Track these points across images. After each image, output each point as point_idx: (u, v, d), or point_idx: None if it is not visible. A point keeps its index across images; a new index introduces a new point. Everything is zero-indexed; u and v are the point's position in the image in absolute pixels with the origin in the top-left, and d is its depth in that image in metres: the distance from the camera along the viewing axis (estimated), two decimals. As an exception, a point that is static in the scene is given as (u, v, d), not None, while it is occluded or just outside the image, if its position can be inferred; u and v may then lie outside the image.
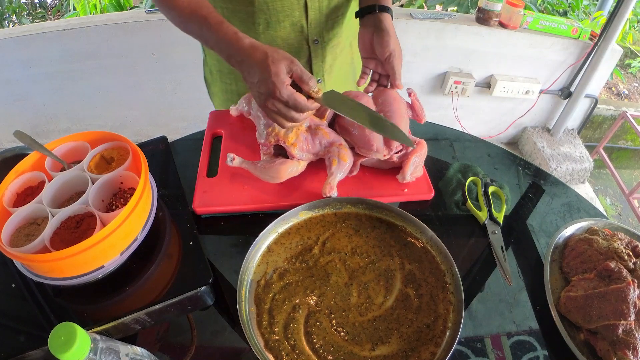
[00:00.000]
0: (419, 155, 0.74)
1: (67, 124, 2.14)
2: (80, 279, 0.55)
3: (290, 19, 0.81)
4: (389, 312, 0.57)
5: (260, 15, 0.79)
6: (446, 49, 2.05)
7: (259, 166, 0.72)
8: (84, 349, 0.38)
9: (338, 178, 0.71)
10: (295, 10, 0.80)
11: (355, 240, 0.66)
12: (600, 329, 0.56)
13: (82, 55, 1.88)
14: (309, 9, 0.80)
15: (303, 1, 0.79)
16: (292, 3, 0.78)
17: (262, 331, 0.55)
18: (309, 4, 0.79)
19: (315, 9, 0.81)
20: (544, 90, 2.20)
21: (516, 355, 0.57)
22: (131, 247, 0.58)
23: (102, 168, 0.65)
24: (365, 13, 0.78)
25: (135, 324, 0.56)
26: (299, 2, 0.79)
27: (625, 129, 2.49)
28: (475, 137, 0.95)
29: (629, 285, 0.57)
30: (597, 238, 0.65)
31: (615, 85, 3.21)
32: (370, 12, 0.77)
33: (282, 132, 0.72)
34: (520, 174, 0.85)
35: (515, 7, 1.94)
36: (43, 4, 3.10)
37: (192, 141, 0.87)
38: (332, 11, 0.85)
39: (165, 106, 2.09)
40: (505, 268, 0.65)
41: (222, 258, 0.67)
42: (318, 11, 0.82)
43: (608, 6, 2.30)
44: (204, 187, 0.73)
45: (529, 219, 0.76)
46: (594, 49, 2.01)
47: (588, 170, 2.28)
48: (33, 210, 0.58)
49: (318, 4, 0.81)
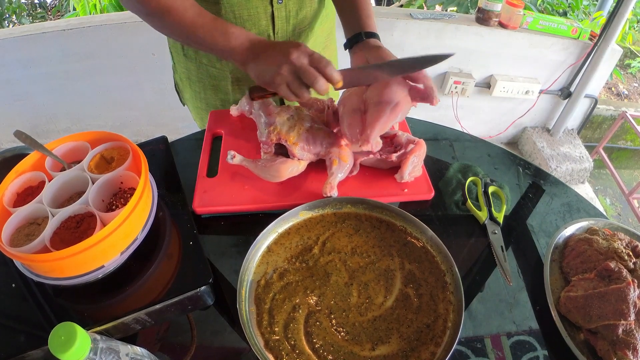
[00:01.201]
0: (418, 155, 0.74)
1: (67, 124, 2.14)
2: (80, 279, 0.55)
3: (257, 28, 0.81)
4: (389, 312, 0.58)
5: None
6: (446, 49, 2.05)
7: (260, 165, 0.72)
8: (84, 349, 0.38)
9: (338, 178, 0.71)
10: (262, 20, 0.80)
11: (355, 240, 0.66)
12: (600, 329, 0.56)
13: (82, 55, 1.88)
14: (275, 19, 0.81)
15: (270, 11, 0.79)
16: (258, 12, 0.78)
17: (262, 331, 0.55)
18: (275, 13, 0.80)
19: (282, 19, 0.81)
20: (544, 91, 2.20)
21: (516, 355, 0.58)
22: (131, 247, 0.58)
23: (102, 168, 0.65)
24: (353, 43, 0.77)
25: (136, 324, 0.56)
26: (266, 12, 0.79)
27: (625, 129, 2.50)
28: (475, 137, 0.95)
29: (629, 285, 0.57)
30: (597, 238, 0.65)
31: (615, 85, 3.21)
32: (358, 41, 0.76)
33: (283, 130, 0.73)
34: (520, 174, 0.85)
35: (515, 7, 1.94)
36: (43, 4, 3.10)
37: (192, 141, 0.87)
38: (299, 22, 0.85)
39: (165, 106, 2.09)
40: (505, 268, 0.65)
41: (222, 258, 0.67)
42: (285, 21, 0.82)
43: (608, 6, 2.30)
44: (204, 187, 0.73)
45: (529, 219, 0.76)
46: (594, 49, 2.01)
47: (588, 170, 2.28)
48: (33, 210, 0.58)
49: (285, 13, 0.81)
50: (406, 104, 0.69)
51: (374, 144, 0.68)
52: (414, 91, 0.70)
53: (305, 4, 0.83)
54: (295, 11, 0.82)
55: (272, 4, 0.78)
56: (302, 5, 0.83)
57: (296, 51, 0.61)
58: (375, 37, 0.76)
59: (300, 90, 0.63)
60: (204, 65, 0.90)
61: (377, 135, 0.68)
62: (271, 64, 0.63)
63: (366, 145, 0.68)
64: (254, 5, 0.77)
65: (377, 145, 0.69)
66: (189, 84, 0.96)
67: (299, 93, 0.64)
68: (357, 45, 0.76)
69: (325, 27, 0.93)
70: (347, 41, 0.79)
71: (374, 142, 0.68)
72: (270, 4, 0.78)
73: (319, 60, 0.62)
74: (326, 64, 0.62)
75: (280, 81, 0.63)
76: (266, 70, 0.64)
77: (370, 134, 0.67)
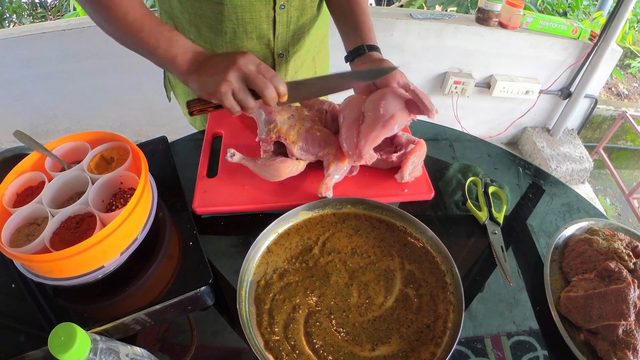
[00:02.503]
0: (418, 155, 0.74)
1: (67, 124, 2.14)
2: (80, 279, 0.55)
3: (258, 31, 0.81)
4: (389, 313, 0.57)
5: (228, 25, 0.79)
6: (446, 49, 2.05)
7: (259, 163, 0.72)
8: (84, 349, 0.38)
9: (335, 179, 0.71)
10: (264, 24, 0.80)
11: (355, 240, 0.66)
12: (601, 329, 0.56)
13: (82, 55, 1.88)
14: (277, 24, 0.81)
15: (272, 15, 0.79)
16: (261, 16, 0.78)
17: (262, 331, 0.55)
18: (277, 18, 0.80)
19: (284, 24, 0.82)
20: (544, 91, 2.20)
21: (516, 355, 0.58)
22: (131, 247, 0.58)
23: (102, 168, 0.65)
24: (354, 56, 0.77)
25: (135, 324, 0.56)
26: (268, 16, 0.79)
27: (625, 129, 2.50)
28: (475, 137, 0.95)
29: (629, 285, 0.57)
30: (597, 238, 0.65)
31: (615, 85, 3.21)
32: (360, 54, 0.76)
33: (283, 128, 0.73)
34: (520, 174, 0.85)
35: (515, 8, 1.94)
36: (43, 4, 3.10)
37: (192, 141, 0.87)
38: (299, 27, 0.85)
39: (165, 106, 2.07)
40: (505, 268, 0.65)
41: (222, 258, 0.67)
42: (286, 26, 0.82)
43: (608, 6, 2.30)
44: (204, 187, 0.73)
45: (529, 219, 0.76)
46: (594, 49, 2.01)
47: (588, 170, 2.28)
48: (33, 210, 0.58)
49: (287, 19, 0.81)
50: (402, 117, 0.69)
51: (367, 158, 0.69)
52: (411, 104, 0.70)
53: (307, 11, 0.84)
54: (297, 17, 0.83)
55: (275, 8, 0.79)
56: (303, 12, 0.83)
57: (243, 58, 0.59)
58: (377, 50, 0.77)
59: (247, 99, 0.60)
60: None
61: (370, 149, 0.68)
62: (216, 73, 0.59)
63: (359, 161, 0.69)
64: (257, 9, 0.77)
65: (370, 159, 0.71)
66: None
67: (245, 102, 0.60)
68: (359, 58, 0.76)
69: (320, 33, 0.94)
70: (348, 54, 0.79)
71: (367, 157, 0.69)
72: (272, 8, 0.78)
73: (266, 70, 0.61)
74: (273, 75, 0.61)
75: (225, 89, 0.59)
76: (210, 80, 0.60)
77: (363, 149, 0.68)
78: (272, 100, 0.61)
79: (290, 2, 0.79)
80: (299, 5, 0.81)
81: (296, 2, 0.80)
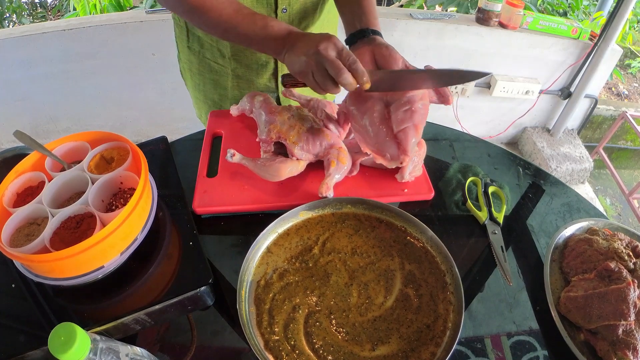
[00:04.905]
0: (418, 155, 0.74)
1: (67, 124, 2.14)
2: (80, 279, 0.55)
3: None
4: (389, 312, 0.57)
5: None
6: (446, 49, 2.05)
7: (259, 163, 0.72)
8: (84, 349, 0.38)
9: (335, 179, 0.71)
10: None
11: (355, 240, 0.66)
12: (601, 329, 0.56)
13: (82, 55, 1.88)
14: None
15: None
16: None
17: (262, 331, 0.55)
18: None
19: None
20: (544, 91, 2.20)
21: (516, 355, 0.57)
22: (131, 247, 0.58)
23: (102, 168, 0.65)
24: (357, 38, 0.74)
25: (135, 324, 0.56)
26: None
27: (625, 129, 2.50)
28: (475, 137, 0.95)
29: (629, 285, 0.57)
30: (597, 238, 0.65)
31: (615, 85, 3.21)
32: (363, 37, 0.73)
33: (284, 129, 0.73)
34: (520, 174, 0.85)
35: (515, 8, 1.94)
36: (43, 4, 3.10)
37: (192, 141, 0.87)
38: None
39: (165, 106, 2.09)
40: (505, 268, 0.65)
41: (222, 258, 0.67)
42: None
43: (608, 6, 2.30)
44: (204, 187, 0.73)
45: (529, 219, 0.76)
46: (594, 49, 2.01)
47: (588, 170, 2.28)
48: (33, 210, 0.58)
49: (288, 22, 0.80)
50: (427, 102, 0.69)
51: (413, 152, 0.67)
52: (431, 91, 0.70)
53: (308, 14, 0.84)
54: (298, 20, 0.83)
55: (277, 12, 0.79)
56: (304, 15, 0.83)
57: (325, 42, 0.61)
58: (381, 37, 0.75)
59: (325, 81, 0.62)
60: (206, 59, 0.91)
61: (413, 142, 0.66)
62: (300, 54, 0.63)
63: (405, 160, 0.67)
64: (259, 12, 0.77)
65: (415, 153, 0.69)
66: (190, 75, 0.99)
67: (323, 85, 0.63)
68: (362, 40, 0.73)
69: None
70: (350, 36, 0.75)
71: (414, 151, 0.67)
72: (274, 12, 0.79)
73: (348, 56, 0.61)
74: (353, 60, 0.61)
75: (307, 70, 0.63)
76: (296, 60, 0.64)
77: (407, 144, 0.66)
78: (349, 86, 0.62)
79: (292, 6, 0.79)
80: (300, 8, 0.81)
81: (297, 6, 0.80)
